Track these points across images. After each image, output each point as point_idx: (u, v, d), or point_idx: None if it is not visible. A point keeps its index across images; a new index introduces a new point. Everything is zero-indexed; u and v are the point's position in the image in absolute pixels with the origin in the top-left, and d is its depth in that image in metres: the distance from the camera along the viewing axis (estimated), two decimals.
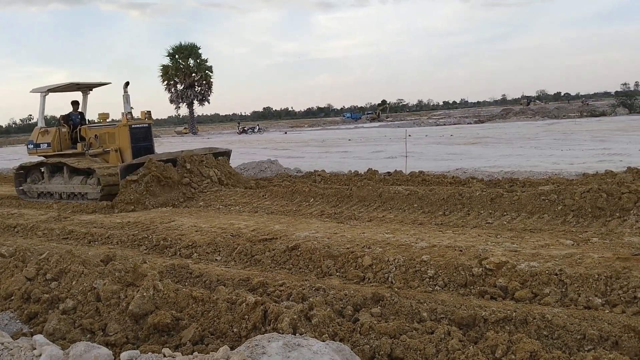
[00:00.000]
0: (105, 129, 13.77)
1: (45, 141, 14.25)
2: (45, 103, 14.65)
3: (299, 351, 3.01)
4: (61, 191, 13.54)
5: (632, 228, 6.94)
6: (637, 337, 3.80)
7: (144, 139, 13.62)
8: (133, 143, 13.23)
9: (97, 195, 12.42)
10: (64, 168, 13.32)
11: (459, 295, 5.25)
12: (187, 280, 5.93)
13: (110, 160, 13.26)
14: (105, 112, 14.27)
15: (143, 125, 13.66)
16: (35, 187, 14.21)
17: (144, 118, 13.79)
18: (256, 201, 10.97)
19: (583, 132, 26.09)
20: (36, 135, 14.52)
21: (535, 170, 12.73)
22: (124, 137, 13.29)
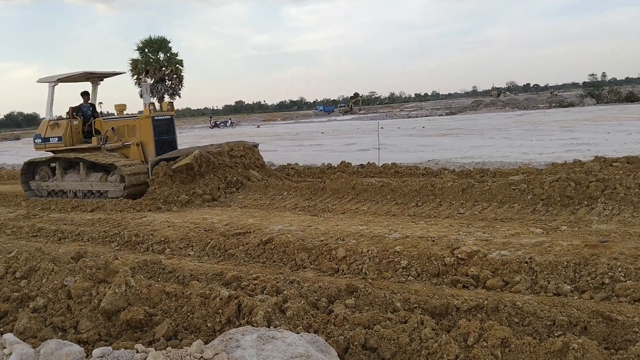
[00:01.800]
0: (124, 121, 12.68)
1: (55, 135, 12.99)
2: (54, 94, 13.32)
3: (273, 343, 3.01)
4: (76, 189, 12.38)
5: (600, 216, 7.09)
6: (605, 322, 3.89)
7: (167, 132, 12.58)
8: (156, 136, 12.20)
9: (120, 193, 11.45)
10: (81, 164, 12.21)
11: (432, 284, 5.30)
12: (160, 276, 5.87)
13: (130, 155, 12.30)
14: (122, 103, 13.18)
15: (166, 117, 12.62)
16: (45, 184, 13.01)
17: (166, 109, 12.85)
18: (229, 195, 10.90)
19: (552, 123, 26.51)
20: (44, 128, 13.26)
21: (506, 161, 12.91)
22: (146, 129, 12.22)
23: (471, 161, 13.36)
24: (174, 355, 2.81)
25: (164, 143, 12.34)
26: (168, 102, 12.77)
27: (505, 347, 3.32)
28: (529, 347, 3.27)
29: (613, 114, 30.24)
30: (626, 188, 7.53)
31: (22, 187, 13.30)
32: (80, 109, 13.34)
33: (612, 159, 10.40)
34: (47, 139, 13.14)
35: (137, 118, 12.47)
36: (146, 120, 12.21)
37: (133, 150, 12.30)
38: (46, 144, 13.25)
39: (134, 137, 12.34)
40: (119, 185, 11.48)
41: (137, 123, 12.38)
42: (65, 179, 12.61)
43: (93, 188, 12.03)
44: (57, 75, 13.32)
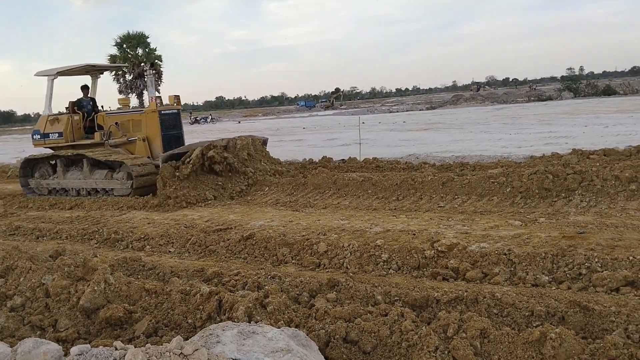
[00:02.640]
0: (129, 115, 12.23)
1: (55, 130, 12.46)
2: (53, 88, 12.78)
3: (254, 338, 3.00)
4: (80, 187, 11.88)
5: (577, 208, 7.19)
6: (582, 311, 3.94)
7: (174, 127, 12.14)
8: (163, 131, 11.76)
9: (127, 191, 11.03)
10: (84, 161, 11.73)
11: (413, 277, 5.33)
12: (140, 273, 5.83)
13: (136, 151, 11.83)
14: (126, 97, 12.61)
15: (173, 111, 12.14)
16: (45, 182, 12.46)
17: (173, 103, 12.28)
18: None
19: (530, 116, 26.79)
20: (43, 124, 12.69)
21: (485, 154, 13.02)
22: (152, 124, 11.78)
23: (451, 155, 13.45)
24: (153, 352, 2.79)
25: (170, 138, 11.93)
26: (174, 96, 12.29)
27: (484, 337, 3.36)
28: (507, 338, 3.31)
29: (590, 107, 30.66)
30: (603, 180, 7.64)
31: (21, 186, 12.77)
32: (80, 103, 12.86)
33: (589, 151, 10.56)
34: (47, 134, 12.59)
35: (143, 112, 12.04)
36: (152, 115, 11.77)
37: (139, 146, 11.84)
38: (45, 140, 12.69)
39: (140, 133, 11.90)
40: (126, 183, 11.08)
41: (143, 117, 11.92)
42: (67, 177, 12.12)
43: (98, 186, 11.59)
44: (57, 68, 12.80)
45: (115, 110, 12.81)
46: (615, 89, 50.84)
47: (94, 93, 13.50)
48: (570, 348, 3.13)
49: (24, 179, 12.73)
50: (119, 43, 59.16)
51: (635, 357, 3.06)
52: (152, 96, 11.91)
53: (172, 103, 12.22)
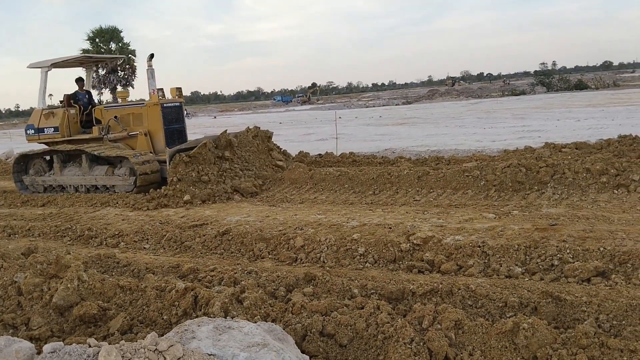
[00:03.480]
0: (129, 109, 11.65)
1: (50, 125, 11.83)
2: (47, 80, 12.11)
3: (230, 333, 3.00)
4: (78, 184, 11.31)
5: (550, 200, 7.31)
6: (554, 302, 4.02)
7: (176, 120, 11.61)
8: (165, 125, 11.26)
9: (130, 187, 10.53)
10: (83, 157, 11.14)
11: (389, 270, 5.37)
12: (115, 270, 5.77)
13: (138, 146, 11.28)
14: (124, 90, 12.18)
15: (175, 104, 11.63)
16: (41, 179, 11.86)
17: (175, 96, 11.76)
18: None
19: (504, 111, 27.13)
20: (37, 118, 12.03)
21: (460, 148, 13.15)
22: (154, 118, 11.24)
23: (427, 149, 13.56)
24: (127, 349, 2.77)
25: (173, 132, 11.47)
26: (176, 88, 11.77)
27: (459, 328, 3.40)
28: (481, 328, 3.36)
29: (562, 102, 31.15)
30: (574, 173, 7.77)
31: (15, 183, 12.18)
32: (76, 96, 12.31)
33: (562, 145, 10.73)
34: (41, 129, 11.99)
35: (144, 105, 11.48)
36: (154, 108, 11.27)
37: (140, 140, 11.32)
38: (40, 135, 12.07)
39: (141, 127, 11.39)
40: (129, 179, 10.61)
41: (145, 111, 11.40)
42: (64, 173, 11.56)
43: (98, 183, 11.06)
44: (51, 59, 12.22)
45: (113, 103, 12.28)
46: (587, 83, 51.69)
47: (89, 86, 13.00)
48: (543, 338, 3.19)
49: (18, 175, 12.17)
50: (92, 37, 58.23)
51: (606, 345, 3.12)
52: (154, 88, 11.36)
53: (174, 96, 11.79)
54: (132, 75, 58.66)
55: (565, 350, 3.12)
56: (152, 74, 11.32)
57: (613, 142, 10.23)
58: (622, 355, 3.04)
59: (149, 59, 11.26)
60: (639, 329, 3.58)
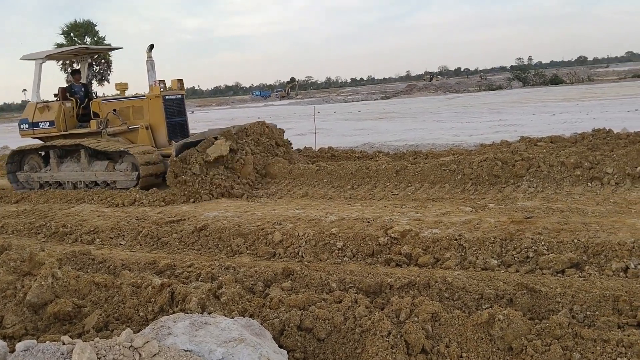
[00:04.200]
0: (129, 101, 11.28)
1: (46, 119, 11.36)
2: (41, 73, 11.62)
3: (206, 329, 2.98)
4: (77, 180, 10.83)
5: (525, 193, 7.39)
6: (529, 293, 4.07)
7: (178, 113, 11.23)
8: (167, 118, 10.88)
9: (132, 183, 10.10)
10: (82, 152, 10.67)
11: (367, 264, 5.39)
12: (90, 267, 5.71)
13: (139, 140, 10.91)
14: (123, 82, 11.61)
15: (177, 96, 11.22)
16: (36, 176, 11.38)
17: (176, 88, 11.31)
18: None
19: (481, 105, 27.39)
20: (32, 112, 11.54)
21: (438, 143, 13.24)
22: (156, 110, 10.87)
23: (405, 144, 13.62)
24: (102, 346, 2.73)
25: (175, 125, 11.12)
26: (178, 80, 11.36)
27: (436, 321, 3.42)
28: (457, 320, 3.38)
29: (538, 96, 31.53)
30: (549, 166, 7.87)
31: (9, 180, 11.67)
32: (71, 89, 11.84)
33: (537, 138, 10.83)
34: (36, 124, 11.50)
35: (145, 98, 11.08)
36: (156, 100, 10.90)
37: (142, 134, 10.94)
38: (35, 130, 11.58)
39: (142, 120, 11.01)
40: (131, 175, 10.18)
41: (146, 103, 11.03)
42: (62, 169, 11.07)
43: (98, 178, 10.61)
44: (46, 51, 11.76)
45: (112, 96, 11.78)
46: (562, 78, 52.36)
47: (84, 78, 12.51)
48: (518, 328, 3.22)
49: (12, 172, 11.67)
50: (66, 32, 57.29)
51: (580, 335, 3.17)
52: (155, 80, 10.94)
53: (175, 88, 11.37)
54: (108, 69, 57.92)
55: (540, 341, 3.16)
56: (152, 65, 10.92)
57: (587, 136, 10.36)
58: (596, 345, 3.09)
59: (149, 50, 10.84)
60: (612, 319, 3.65)
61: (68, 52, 12.11)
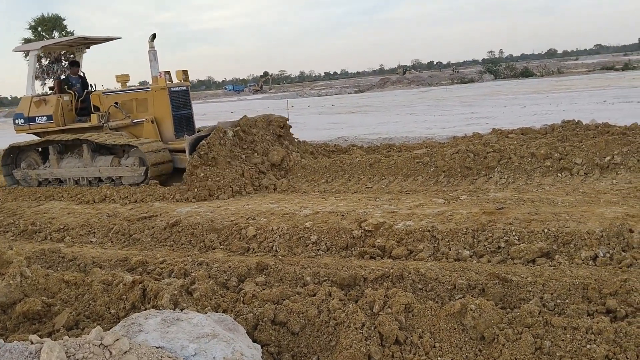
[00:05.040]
0: (132, 94, 10.83)
1: (43, 113, 10.83)
2: (36, 65, 11.11)
3: (178, 325, 2.94)
4: (79, 176, 10.32)
5: (497, 184, 7.48)
6: (501, 283, 4.12)
7: (184, 106, 10.83)
8: (173, 111, 10.49)
9: (140, 178, 9.66)
10: (84, 147, 10.18)
11: (341, 257, 5.40)
12: (60, 265, 5.61)
13: (144, 134, 10.44)
14: (124, 74, 11.09)
15: (182, 88, 10.84)
16: (34, 173, 10.81)
17: (181, 79, 10.89)
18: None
19: (453, 98, 27.60)
20: (27, 106, 11.00)
21: (411, 136, 13.30)
22: (161, 103, 10.44)
23: (378, 137, 13.66)
24: (71, 344, 2.68)
25: (181, 119, 10.70)
26: (182, 71, 10.91)
27: (409, 312, 3.44)
28: (430, 311, 3.40)
29: (509, 89, 31.91)
30: (520, 157, 7.97)
31: (4, 178, 11.11)
32: (68, 81, 11.32)
33: (508, 130, 10.98)
34: (32, 118, 10.94)
35: (150, 90, 10.61)
36: (161, 93, 10.44)
37: (147, 128, 10.47)
38: (31, 125, 11.01)
39: (146, 113, 10.56)
40: (138, 170, 9.72)
41: (150, 96, 10.56)
42: (62, 166, 10.54)
43: (102, 174, 10.09)
44: (41, 42, 11.30)
45: (113, 88, 11.28)
46: (533, 70, 53.06)
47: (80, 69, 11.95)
48: (490, 318, 3.26)
49: (7, 169, 11.12)
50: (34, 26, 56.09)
51: (550, 324, 3.21)
52: (160, 71, 10.49)
53: (180, 79, 10.94)
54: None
55: (511, 330, 3.20)
56: (154, 55, 10.41)
57: (557, 127, 10.53)
58: (566, 332, 3.14)
59: (151, 40, 10.36)
60: (581, 306, 3.71)
61: (65, 42, 11.57)
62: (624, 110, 14.80)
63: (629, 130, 9.09)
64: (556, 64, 64.91)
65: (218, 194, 8.25)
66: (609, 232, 4.84)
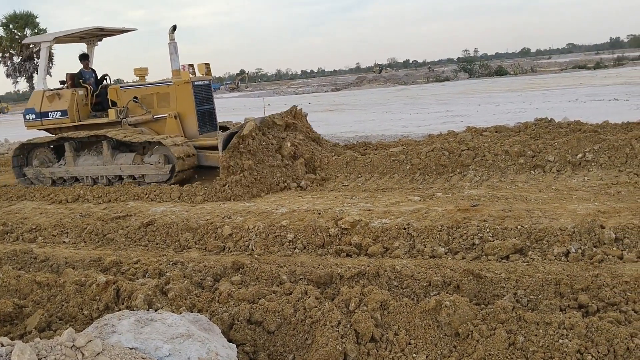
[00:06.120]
0: (152, 88, 10.32)
1: (56, 109, 10.30)
2: (48, 57, 10.64)
3: (152, 326, 2.91)
4: (98, 174, 9.75)
5: (471, 182, 7.56)
6: (475, 279, 4.16)
7: (207, 101, 10.43)
8: (197, 106, 10.09)
9: (165, 177, 9.19)
10: (104, 143, 9.62)
11: (317, 255, 5.40)
12: (32, 266, 5.51)
13: (166, 130, 9.95)
14: (143, 67, 10.56)
15: (205, 82, 10.45)
16: (48, 171, 10.21)
17: (203, 73, 10.42)
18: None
19: (429, 97, 27.78)
20: (39, 101, 10.47)
21: (387, 134, 13.35)
22: (185, 98, 10.01)
23: (355, 135, 13.68)
24: (42, 346, 2.64)
25: (204, 114, 10.32)
26: (205, 64, 10.41)
27: (384, 309, 3.45)
28: (406, 308, 3.42)
29: (484, 87, 32.22)
30: (494, 155, 8.07)
31: (16, 176, 10.57)
32: (81, 76, 10.77)
33: (482, 128, 11.08)
34: (45, 113, 10.41)
35: (172, 84, 10.12)
36: (185, 87, 10.02)
37: (170, 124, 10.00)
38: (43, 120, 10.48)
39: (168, 108, 10.10)
40: (163, 168, 9.22)
41: (173, 90, 10.11)
42: (79, 163, 9.95)
43: (124, 172, 9.55)
44: (54, 32, 10.62)
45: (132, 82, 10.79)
46: (507, 69, 53.60)
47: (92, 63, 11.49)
48: (464, 314, 3.29)
49: (19, 168, 10.53)
50: (5, 23, 55.13)
51: (523, 319, 3.25)
52: (183, 65, 10.07)
53: (202, 73, 10.43)
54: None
55: (485, 326, 3.23)
56: (174, 48, 10.01)
57: (530, 125, 10.66)
58: (538, 327, 3.18)
59: (171, 32, 9.97)
60: (554, 302, 3.77)
61: (80, 33, 10.96)
62: (595, 109, 15.07)
63: (600, 128, 9.26)
64: (529, 63, 65.73)
65: (259, 193, 8.01)
66: (580, 228, 4.92)
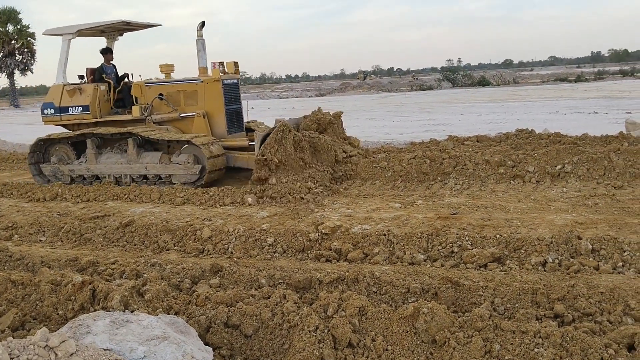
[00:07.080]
0: (179, 85, 10.02)
1: (77, 104, 10.02)
2: (69, 51, 10.32)
3: (128, 327, 2.88)
4: (122, 173, 9.49)
5: (452, 190, 7.61)
6: (453, 287, 4.18)
7: (235, 100, 10.13)
8: (226, 105, 9.81)
9: (194, 177, 8.96)
10: (130, 141, 9.40)
11: (297, 260, 5.39)
12: (7, 264, 5.42)
13: (194, 130, 9.68)
14: (169, 64, 10.28)
15: (233, 81, 10.14)
16: (67, 169, 9.93)
17: (232, 71, 10.14)
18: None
19: (412, 105, 27.95)
20: (59, 95, 10.19)
21: (370, 140, 13.40)
22: (214, 96, 9.72)
23: None
24: (15, 346, 2.59)
25: (232, 114, 10.05)
26: (234, 62, 10.18)
27: (363, 315, 3.45)
28: (384, 314, 3.43)
29: (466, 97, 32.52)
30: (475, 164, 8.14)
31: (32, 174, 10.27)
32: (103, 70, 10.54)
33: (464, 137, 11.17)
34: (65, 108, 10.12)
35: (201, 82, 9.82)
36: (214, 85, 9.73)
37: (197, 123, 9.72)
38: (62, 116, 10.18)
39: (195, 106, 9.82)
40: (193, 168, 8.96)
41: (201, 88, 9.81)
42: (101, 161, 9.67)
43: (149, 172, 9.29)
44: (76, 25, 10.27)
45: (157, 79, 10.48)
46: (489, 80, 54.19)
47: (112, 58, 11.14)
48: (441, 321, 3.30)
49: (35, 165, 10.24)
50: None
51: (500, 327, 3.28)
52: (213, 62, 9.83)
53: (231, 71, 10.12)
54: (31, 59, 55.29)
55: (462, 333, 3.24)
56: (202, 45, 9.79)
57: (511, 136, 10.78)
58: (515, 336, 3.20)
59: (200, 28, 9.71)
60: (530, 311, 3.80)
61: (103, 26, 10.54)
62: (575, 121, 15.28)
63: (580, 140, 9.39)
64: (512, 74, 66.43)
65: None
66: (558, 238, 4.98)
